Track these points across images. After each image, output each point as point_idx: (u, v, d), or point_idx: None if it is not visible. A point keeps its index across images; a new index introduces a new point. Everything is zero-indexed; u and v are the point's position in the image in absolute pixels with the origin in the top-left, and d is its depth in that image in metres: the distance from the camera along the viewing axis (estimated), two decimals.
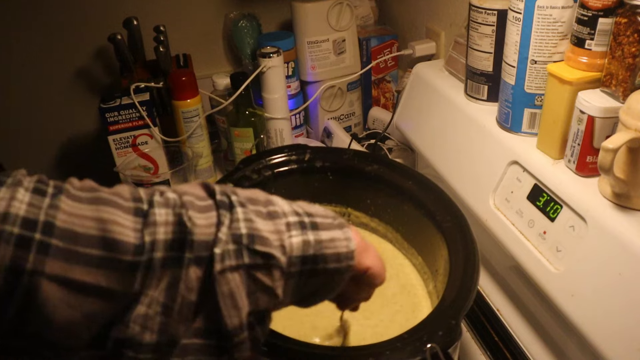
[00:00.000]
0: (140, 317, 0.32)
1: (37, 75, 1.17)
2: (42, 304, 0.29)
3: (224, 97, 1.03)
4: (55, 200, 0.31)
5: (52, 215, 0.30)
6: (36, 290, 0.29)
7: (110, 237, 0.31)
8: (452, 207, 0.64)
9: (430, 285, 0.66)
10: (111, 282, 0.31)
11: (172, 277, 0.33)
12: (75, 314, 0.30)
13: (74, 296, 0.30)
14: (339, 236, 0.40)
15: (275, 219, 0.37)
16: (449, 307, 0.51)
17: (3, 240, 0.28)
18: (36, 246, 0.29)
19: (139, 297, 0.32)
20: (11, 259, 0.28)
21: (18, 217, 0.29)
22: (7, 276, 0.28)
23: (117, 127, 0.94)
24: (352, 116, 1.22)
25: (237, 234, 0.35)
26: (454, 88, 0.84)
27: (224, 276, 0.34)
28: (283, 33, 1.11)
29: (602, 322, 0.54)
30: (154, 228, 0.32)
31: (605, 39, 0.58)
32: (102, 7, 1.14)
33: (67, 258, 0.30)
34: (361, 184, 0.75)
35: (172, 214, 0.33)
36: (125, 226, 0.32)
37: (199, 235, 0.34)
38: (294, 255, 0.37)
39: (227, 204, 0.36)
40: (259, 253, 0.35)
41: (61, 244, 0.30)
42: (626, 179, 0.54)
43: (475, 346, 0.74)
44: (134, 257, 0.31)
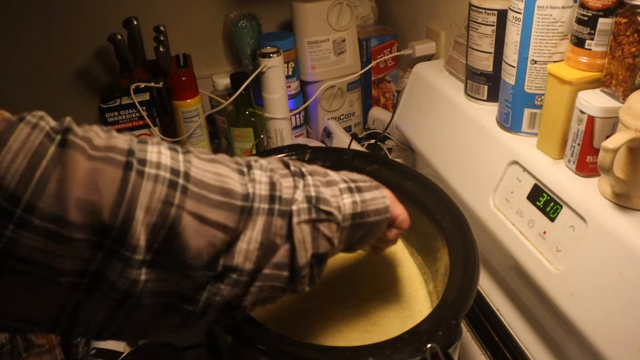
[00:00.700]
0: (243, 250, 0.42)
1: (37, 75, 1.17)
2: (182, 230, 0.38)
3: (224, 97, 1.03)
4: (187, 157, 0.41)
5: (187, 167, 0.40)
6: (180, 219, 0.38)
7: (226, 187, 0.41)
8: (452, 207, 0.64)
9: (430, 285, 0.66)
10: (227, 219, 0.40)
11: (266, 222, 0.43)
12: (203, 241, 0.39)
13: (202, 227, 0.39)
14: (377, 195, 0.51)
15: (332, 185, 0.48)
16: (449, 307, 0.51)
17: (160, 181, 0.38)
18: (180, 188, 0.39)
19: (239, 234, 0.41)
20: (165, 195, 0.38)
21: (167, 166, 0.39)
22: (163, 207, 0.38)
23: (117, 127, 0.94)
24: (352, 116, 1.22)
25: (308, 196, 0.45)
26: (454, 88, 0.84)
27: (299, 227, 0.44)
28: (283, 33, 1.11)
29: (602, 322, 0.54)
30: (254, 183, 0.43)
31: (605, 39, 0.58)
32: (102, 7, 1.14)
33: (198, 199, 0.39)
34: None
35: (265, 175, 0.44)
36: (235, 180, 0.42)
37: (284, 194, 0.44)
38: (346, 213, 0.47)
39: (299, 173, 0.47)
40: (323, 211, 0.45)
41: (195, 188, 0.39)
42: (626, 179, 0.54)
43: (475, 346, 0.74)
44: (242, 202, 0.41)
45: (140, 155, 0.38)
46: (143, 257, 0.38)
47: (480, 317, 0.76)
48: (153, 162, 0.38)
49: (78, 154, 0.36)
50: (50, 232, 0.35)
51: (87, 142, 0.37)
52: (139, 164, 0.38)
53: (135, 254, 0.37)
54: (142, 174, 0.37)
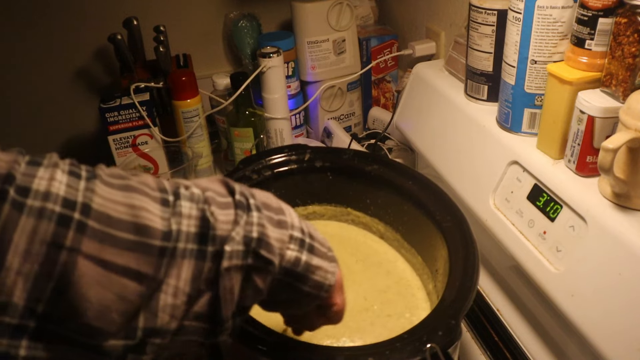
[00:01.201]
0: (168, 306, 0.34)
1: (37, 75, 1.17)
2: (78, 281, 0.30)
3: (224, 97, 1.03)
4: (90, 184, 0.32)
5: (88, 197, 0.31)
6: (73, 266, 0.30)
7: (141, 223, 0.32)
8: (452, 207, 0.64)
9: (430, 285, 0.66)
10: (140, 265, 0.32)
11: (195, 268, 0.35)
12: (107, 293, 0.31)
13: (107, 276, 0.31)
14: (326, 267, 0.43)
15: (283, 228, 0.40)
16: (449, 307, 0.51)
17: (45, 217, 0.29)
18: (75, 225, 0.30)
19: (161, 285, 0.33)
20: (53, 234, 0.29)
21: (59, 197, 0.30)
22: (49, 251, 0.29)
23: (117, 127, 0.94)
24: (352, 116, 1.22)
25: (248, 237, 0.37)
26: (454, 88, 0.84)
27: (228, 273, 0.36)
28: (283, 33, 1.11)
29: (602, 322, 0.54)
30: (180, 219, 0.34)
31: (605, 39, 0.58)
32: (102, 7, 1.14)
33: (101, 239, 0.31)
34: (361, 184, 0.75)
35: (196, 208, 0.35)
36: (154, 213, 0.33)
37: (219, 231, 0.36)
38: (283, 266, 0.40)
39: (244, 205, 0.38)
40: (262, 258, 0.38)
41: (97, 225, 0.31)
42: (626, 179, 0.54)
43: (475, 346, 0.74)
44: (162, 243, 0.33)
45: (22, 182, 0.30)
46: (20, 321, 0.29)
47: (480, 317, 0.76)
48: (39, 192, 0.30)
49: None
50: None
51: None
52: (18, 194, 0.29)
53: (5, 315, 0.29)
54: (20, 206, 0.29)
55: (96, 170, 0.34)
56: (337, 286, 0.45)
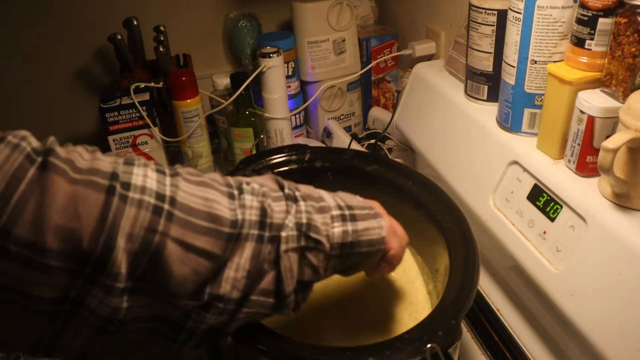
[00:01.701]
0: (230, 278, 0.40)
1: (37, 75, 1.17)
2: (166, 258, 0.37)
3: (224, 97, 1.03)
4: (174, 180, 0.40)
5: (174, 192, 0.39)
6: (163, 246, 0.37)
7: (214, 213, 0.40)
8: (452, 207, 0.64)
9: (430, 285, 0.66)
10: (213, 247, 0.39)
11: (255, 249, 0.42)
12: (186, 268, 0.38)
13: (187, 255, 0.38)
14: (373, 225, 0.49)
15: (324, 212, 0.46)
16: (449, 307, 0.51)
17: (144, 207, 0.37)
18: (165, 214, 0.37)
19: (227, 262, 0.40)
20: (149, 221, 0.37)
21: (152, 191, 0.38)
22: (146, 234, 0.36)
23: (117, 127, 0.94)
24: (352, 116, 1.22)
25: (299, 223, 0.44)
26: (454, 88, 0.84)
27: (287, 254, 0.43)
28: (283, 33, 1.11)
29: (602, 322, 0.54)
30: (244, 209, 0.42)
31: (605, 39, 0.58)
32: (102, 7, 1.14)
33: (184, 225, 0.38)
34: (361, 184, 0.74)
35: (256, 200, 0.43)
36: (224, 205, 0.41)
37: (275, 219, 0.43)
38: (334, 242, 0.46)
39: (292, 197, 0.46)
40: (312, 239, 0.44)
41: (181, 214, 0.38)
42: (626, 179, 0.54)
43: (475, 346, 0.74)
44: (230, 229, 0.40)
45: (124, 178, 0.37)
46: (125, 284, 0.36)
47: (480, 317, 0.76)
48: (138, 186, 0.37)
49: (59, 177, 0.35)
50: (26, 259, 0.34)
51: (69, 165, 0.36)
52: (123, 188, 0.36)
53: (116, 282, 0.36)
54: (125, 198, 0.36)
55: (177, 169, 0.42)
56: (390, 233, 0.51)
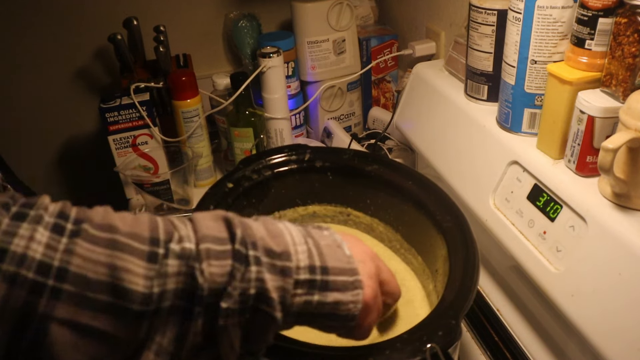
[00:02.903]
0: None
1: (38, 75, 1.17)
2: (51, 346, 0.30)
3: (224, 97, 1.03)
4: (71, 243, 0.31)
5: (66, 260, 0.31)
6: (45, 332, 0.30)
7: (120, 285, 0.31)
8: (452, 207, 0.64)
9: (430, 285, 0.66)
10: (117, 329, 0.31)
11: (181, 327, 0.34)
12: (82, 357, 0.31)
13: (81, 340, 0.30)
14: (346, 299, 0.40)
15: (286, 276, 0.37)
16: (449, 307, 0.51)
17: (18, 284, 0.29)
18: (48, 291, 0.30)
19: (145, 343, 0.33)
20: (23, 302, 0.29)
21: (34, 262, 0.30)
22: (19, 319, 0.29)
23: (117, 127, 0.94)
24: (352, 116, 1.22)
25: (246, 294, 0.35)
26: (454, 88, 0.84)
27: (226, 329, 0.35)
28: (283, 33, 1.11)
29: (602, 322, 0.54)
30: (165, 279, 0.33)
31: (605, 39, 0.58)
32: (102, 7, 1.14)
33: (77, 302, 0.30)
34: (361, 184, 0.75)
35: (185, 265, 0.34)
36: (137, 274, 0.32)
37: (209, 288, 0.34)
38: (293, 312, 0.38)
39: (243, 256, 0.36)
40: (262, 312, 0.36)
41: (73, 289, 0.30)
42: (626, 179, 0.54)
43: (475, 346, 0.74)
44: (141, 307, 0.32)
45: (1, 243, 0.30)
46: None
47: (480, 317, 0.76)
48: (16, 255, 0.29)
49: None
50: None
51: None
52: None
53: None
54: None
55: (83, 224, 0.32)
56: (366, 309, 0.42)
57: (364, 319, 0.42)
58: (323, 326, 0.42)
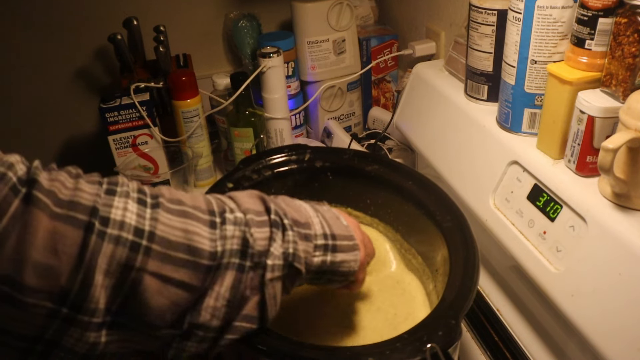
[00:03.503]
0: (210, 307, 0.41)
1: (37, 76, 1.17)
2: (143, 292, 0.38)
3: (224, 97, 1.03)
4: (155, 213, 0.40)
5: (153, 226, 0.39)
6: (140, 281, 0.38)
7: (193, 245, 0.40)
8: (452, 207, 0.64)
9: (430, 285, 0.66)
10: (191, 279, 0.40)
11: (235, 279, 0.42)
12: (165, 300, 0.39)
13: (165, 287, 0.39)
14: (349, 258, 0.51)
15: (309, 240, 0.48)
16: (449, 307, 0.51)
17: (121, 243, 0.37)
18: (143, 249, 0.38)
19: (207, 291, 0.41)
20: (126, 258, 0.37)
21: (131, 227, 0.38)
22: (123, 270, 0.37)
23: (117, 127, 0.94)
24: (352, 116, 1.22)
25: (286, 253, 0.45)
26: (454, 88, 0.84)
27: (272, 282, 0.45)
28: (283, 33, 1.11)
29: (602, 322, 0.54)
30: (224, 241, 0.42)
31: (605, 39, 0.58)
32: (102, 7, 1.14)
33: (162, 259, 0.39)
34: (361, 184, 0.75)
35: (238, 230, 0.43)
36: (204, 236, 0.41)
37: (257, 247, 0.44)
38: (312, 270, 0.49)
39: (279, 224, 0.46)
40: (294, 268, 0.46)
41: (159, 248, 0.39)
42: (626, 179, 0.54)
43: (475, 346, 0.74)
44: (209, 262, 0.41)
45: (103, 213, 0.37)
46: (102, 319, 0.37)
47: (480, 317, 0.76)
48: (116, 222, 0.37)
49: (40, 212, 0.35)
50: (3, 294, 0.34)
51: (51, 197, 0.36)
52: (101, 224, 0.37)
53: (94, 317, 0.37)
54: (103, 235, 0.37)
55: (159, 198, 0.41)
56: (360, 267, 0.53)
57: (360, 273, 0.54)
58: (329, 281, 0.52)
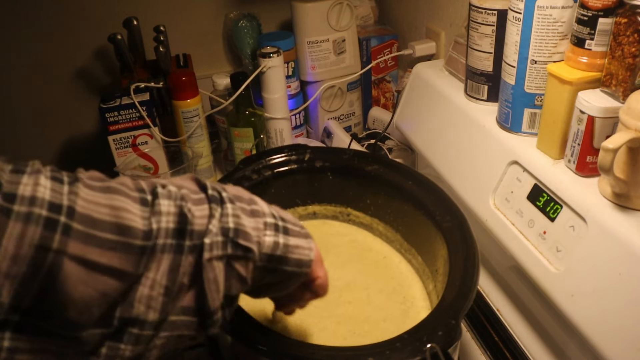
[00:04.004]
0: (144, 297, 0.35)
1: (38, 76, 1.17)
2: (63, 281, 0.32)
3: (224, 97, 1.03)
4: (73, 187, 0.33)
5: (72, 200, 0.32)
6: (59, 267, 0.31)
7: (122, 223, 0.34)
8: (452, 207, 0.64)
9: (430, 285, 0.66)
10: (122, 263, 0.34)
11: (173, 262, 0.36)
12: (90, 291, 0.33)
13: (90, 275, 0.32)
14: (303, 244, 0.45)
15: (257, 217, 0.42)
16: (449, 307, 0.51)
17: (32, 221, 0.30)
18: (61, 228, 0.31)
19: (140, 278, 0.35)
20: (40, 237, 0.31)
21: (45, 201, 0.31)
22: (36, 253, 0.31)
23: (117, 127, 0.94)
24: (352, 116, 1.22)
25: (225, 228, 0.39)
26: (454, 88, 0.84)
27: (210, 264, 0.38)
28: (283, 33, 1.11)
29: (602, 322, 0.54)
30: (159, 217, 0.36)
31: (605, 39, 0.58)
32: (102, 7, 1.14)
33: (85, 240, 0.32)
34: (361, 184, 0.75)
35: (174, 205, 0.37)
36: (135, 213, 0.35)
37: (196, 225, 0.38)
38: (263, 252, 0.41)
39: (217, 198, 0.40)
40: (241, 246, 0.39)
41: (81, 227, 0.32)
42: (626, 179, 0.54)
43: (475, 346, 0.74)
44: (143, 242, 0.34)
45: (8, 189, 0.31)
46: (4, 316, 0.31)
47: (480, 317, 0.76)
48: (25, 197, 0.31)
49: None
50: None
51: None
52: (5, 201, 0.30)
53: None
54: (8, 212, 0.30)
55: (77, 174, 0.35)
56: (317, 260, 0.47)
57: (317, 269, 0.47)
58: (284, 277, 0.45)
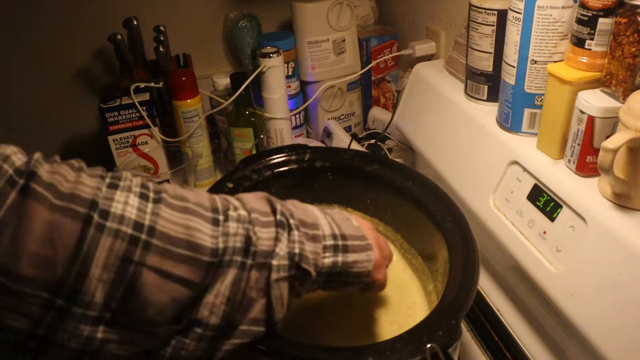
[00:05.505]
0: (209, 304, 0.41)
1: (38, 76, 1.17)
2: (142, 287, 0.38)
3: (224, 97, 1.03)
4: (156, 208, 0.40)
5: (154, 221, 0.39)
6: (140, 276, 0.38)
7: (194, 242, 0.40)
8: (452, 207, 0.64)
9: (430, 285, 0.66)
10: (191, 275, 0.40)
11: (236, 276, 0.42)
12: (165, 296, 0.39)
13: (165, 283, 0.39)
14: (362, 259, 0.50)
15: (317, 242, 0.47)
16: (449, 307, 0.51)
17: (120, 237, 0.37)
18: (142, 244, 0.38)
19: (208, 288, 0.41)
20: (125, 251, 0.37)
21: (131, 220, 0.38)
22: (121, 263, 0.37)
23: (117, 127, 0.94)
24: (352, 116, 1.22)
25: (291, 253, 0.45)
26: (454, 88, 0.84)
27: (277, 283, 0.44)
28: (283, 33, 1.11)
29: (602, 322, 0.54)
30: (227, 237, 0.42)
31: (605, 39, 0.58)
32: (102, 7, 1.14)
33: (162, 254, 0.38)
34: (361, 184, 0.75)
35: (242, 227, 0.43)
36: (206, 233, 0.41)
37: (261, 246, 0.43)
38: (323, 272, 0.48)
39: (285, 224, 0.46)
40: (302, 269, 0.45)
41: (159, 243, 0.38)
42: (626, 179, 0.54)
43: (475, 346, 0.74)
44: (210, 258, 0.40)
45: (103, 206, 0.37)
46: (99, 313, 0.37)
47: (480, 317, 0.76)
48: (116, 215, 0.37)
49: (38, 204, 0.35)
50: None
51: (51, 190, 0.36)
52: (100, 217, 0.37)
53: (89, 309, 0.37)
54: (102, 228, 0.36)
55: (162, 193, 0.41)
56: (376, 267, 0.52)
57: (376, 274, 0.53)
58: (344, 284, 0.51)
